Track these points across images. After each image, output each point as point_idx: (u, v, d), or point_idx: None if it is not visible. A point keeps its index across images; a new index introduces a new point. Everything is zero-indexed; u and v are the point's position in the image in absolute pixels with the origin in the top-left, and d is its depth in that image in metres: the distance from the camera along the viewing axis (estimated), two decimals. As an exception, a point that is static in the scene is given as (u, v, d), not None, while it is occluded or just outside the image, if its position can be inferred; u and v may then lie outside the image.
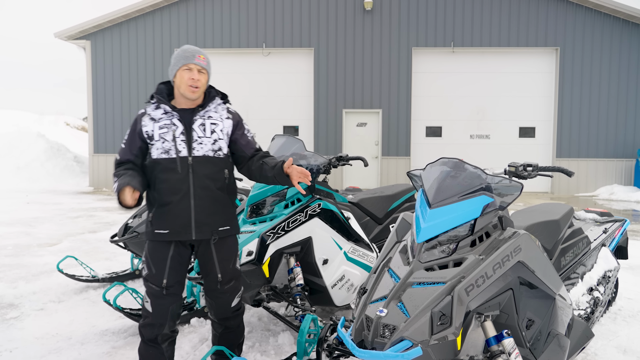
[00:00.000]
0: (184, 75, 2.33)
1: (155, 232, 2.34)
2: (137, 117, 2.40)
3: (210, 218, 2.34)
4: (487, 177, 2.12)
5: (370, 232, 3.66)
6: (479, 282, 1.84)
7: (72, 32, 13.21)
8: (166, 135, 2.31)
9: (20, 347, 3.07)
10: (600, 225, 3.44)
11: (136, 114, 2.43)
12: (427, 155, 12.95)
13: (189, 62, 2.34)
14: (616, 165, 12.80)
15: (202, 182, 2.31)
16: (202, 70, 2.38)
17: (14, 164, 14.61)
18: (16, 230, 7.04)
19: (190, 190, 2.30)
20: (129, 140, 2.39)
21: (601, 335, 3.24)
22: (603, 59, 12.63)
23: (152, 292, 2.34)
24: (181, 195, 2.29)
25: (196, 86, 2.34)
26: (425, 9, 12.86)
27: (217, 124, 2.39)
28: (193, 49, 2.40)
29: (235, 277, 2.49)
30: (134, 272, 4.51)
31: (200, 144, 2.33)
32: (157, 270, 2.33)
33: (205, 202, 2.32)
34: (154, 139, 2.33)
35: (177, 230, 2.31)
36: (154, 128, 2.34)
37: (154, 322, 2.33)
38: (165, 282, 2.32)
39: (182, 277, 2.40)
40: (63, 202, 10.44)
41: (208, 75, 2.43)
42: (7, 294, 4.11)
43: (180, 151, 2.30)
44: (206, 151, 2.33)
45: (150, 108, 2.41)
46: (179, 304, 2.40)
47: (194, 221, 2.31)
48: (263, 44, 13.15)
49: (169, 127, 2.32)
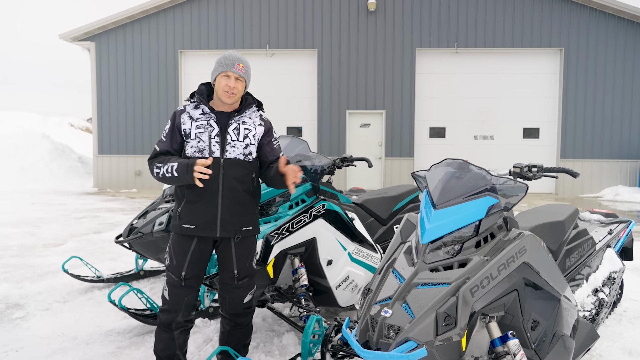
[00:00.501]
0: (222, 82, 2.45)
1: (182, 226, 2.44)
2: (175, 112, 2.51)
3: (235, 218, 2.45)
4: (492, 178, 2.12)
5: (375, 233, 3.66)
6: (484, 283, 1.84)
7: (76, 34, 13.28)
8: (202, 135, 2.42)
9: (27, 347, 3.09)
10: (605, 226, 3.43)
11: (175, 110, 2.54)
12: (430, 156, 12.95)
13: (227, 70, 2.44)
14: (621, 166, 12.75)
15: (231, 184, 2.42)
16: (240, 78, 2.48)
17: (18, 164, 14.69)
18: (21, 231, 7.08)
19: (219, 190, 2.42)
20: (169, 133, 2.49)
21: (606, 337, 3.23)
22: (608, 60, 12.59)
23: (171, 281, 2.47)
24: (210, 194, 2.41)
25: (232, 93, 2.45)
26: (428, 10, 12.85)
27: (250, 130, 2.51)
28: (234, 57, 2.48)
29: (250, 274, 2.59)
30: (139, 273, 4.53)
31: (233, 147, 2.44)
32: (178, 262, 2.45)
33: (232, 202, 2.44)
34: (190, 136, 2.44)
35: (202, 226, 2.42)
36: (192, 126, 2.45)
37: (169, 309, 2.46)
38: (184, 274, 2.44)
39: (201, 271, 2.51)
40: (67, 203, 10.49)
41: (246, 83, 2.54)
42: (13, 294, 4.14)
43: (213, 152, 2.42)
44: (237, 154, 2.44)
45: (190, 106, 2.51)
46: (194, 295, 2.51)
47: (219, 220, 2.42)
48: (267, 44, 13.18)
49: (206, 128, 2.44)
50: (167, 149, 2.47)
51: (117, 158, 13.61)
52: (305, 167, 3.23)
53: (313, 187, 3.21)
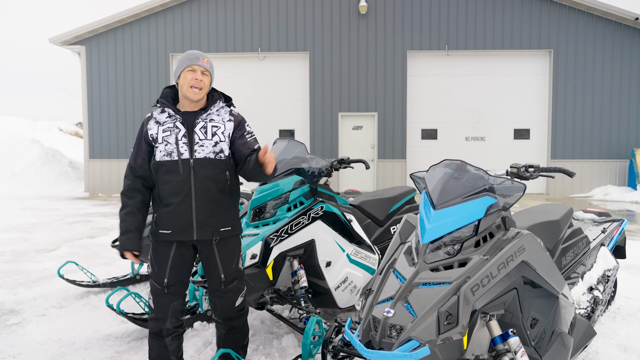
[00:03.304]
0: (188, 76, 2.41)
1: (159, 232, 2.41)
2: (143, 121, 2.48)
3: (211, 219, 2.40)
4: (490, 179, 2.15)
5: (372, 234, 3.69)
6: (484, 282, 1.86)
7: (66, 38, 13.19)
8: (169, 138, 2.38)
9: (24, 353, 3.06)
10: (598, 225, 3.48)
11: (143, 118, 2.49)
12: (423, 158, 13.02)
13: (192, 64, 2.42)
14: (610, 166, 12.91)
15: (203, 184, 2.37)
16: (206, 72, 2.45)
17: (8, 170, 14.53)
18: (13, 237, 7.01)
19: (192, 191, 2.36)
20: (136, 144, 2.47)
21: (601, 334, 3.27)
22: (596, 61, 12.76)
23: (155, 290, 2.44)
24: (183, 197, 2.36)
25: (199, 87, 2.41)
26: (419, 13, 12.94)
27: (219, 127, 2.44)
28: (197, 52, 2.47)
29: (238, 277, 2.55)
30: (135, 277, 4.51)
31: (201, 146, 2.38)
32: (159, 269, 2.42)
33: (206, 203, 2.38)
34: (157, 141, 2.40)
35: (179, 230, 2.38)
36: (158, 131, 2.41)
37: (156, 317, 2.44)
38: (166, 281, 2.41)
39: (184, 277, 2.47)
40: (59, 208, 10.40)
41: (211, 78, 2.50)
42: (8, 300, 4.10)
43: (182, 154, 2.37)
44: (207, 153, 2.38)
45: (156, 112, 2.49)
46: (180, 301, 2.47)
47: (195, 222, 2.37)
48: (258, 48, 13.18)
49: (172, 130, 2.40)
50: (132, 164, 2.44)
51: (108, 162, 13.52)
52: (303, 169, 3.25)
53: (311, 189, 3.22)
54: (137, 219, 2.42)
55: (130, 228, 2.40)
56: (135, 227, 2.41)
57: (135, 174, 2.44)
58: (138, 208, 2.43)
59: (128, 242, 2.39)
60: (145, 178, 2.45)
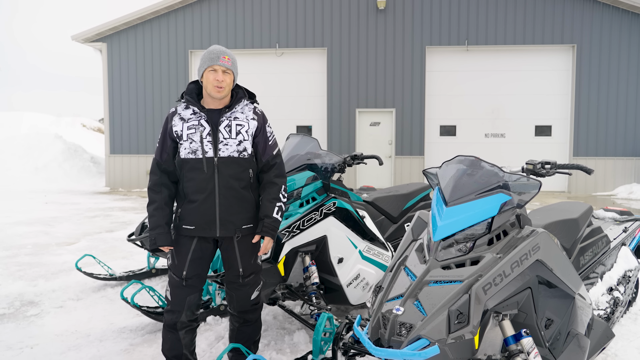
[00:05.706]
0: (209, 77, 2.42)
1: (182, 227, 2.44)
2: (168, 116, 2.50)
3: (234, 216, 2.43)
4: (504, 175, 2.10)
5: (385, 231, 3.65)
6: (496, 281, 1.82)
7: (88, 35, 13.40)
8: (194, 136, 2.41)
9: (41, 344, 3.13)
10: (620, 224, 3.38)
11: (167, 113, 2.52)
12: (441, 155, 12.86)
13: (213, 64, 2.42)
14: (635, 164, 12.57)
15: (227, 182, 2.40)
16: (227, 70, 2.45)
17: (32, 164, 14.88)
18: (35, 230, 7.17)
19: (216, 189, 2.40)
20: (161, 140, 2.49)
21: (621, 336, 3.18)
22: (621, 56, 12.41)
23: (173, 282, 2.48)
24: (207, 194, 2.39)
25: (221, 86, 2.42)
26: (439, 8, 12.77)
27: (243, 125, 2.47)
28: (218, 50, 2.46)
29: (256, 271, 2.58)
30: (151, 271, 4.56)
31: (225, 145, 2.41)
32: (179, 261, 2.45)
33: (229, 201, 2.41)
34: (182, 138, 2.43)
35: (202, 226, 2.42)
36: (183, 128, 2.43)
37: (172, 309, 2.47)
38: (185, 273, 2.44)
39: (203, 271, 2.51)
40: (80, 202, 10.60)
41: (234, 75, 2.50)
42: (28, 292, 4.19)
43: (206, 152, 2.40)
44: (231, 152, 2.42)
45: (181, 107, 2.50)
46: (197, 295, 2.50)
47: (218, 219, 2.41)
48: (276, 44, 13.19)
49: (197, 128, 2.41)
50: (157, 159, 2.47)
51: (128, 158, 13.72)
52: (316, 165, 3.23)
53: (324, 185, 3.21)
54: (166, 213, 2.45)
55: (160, 223, 2.43)
56: (165, 222, 2.44)
57: (161, 169, 2.47)
58: (166, 203, 2.46)
59: (159, 238, 2.42)
60: (170, 173, 2.49)
